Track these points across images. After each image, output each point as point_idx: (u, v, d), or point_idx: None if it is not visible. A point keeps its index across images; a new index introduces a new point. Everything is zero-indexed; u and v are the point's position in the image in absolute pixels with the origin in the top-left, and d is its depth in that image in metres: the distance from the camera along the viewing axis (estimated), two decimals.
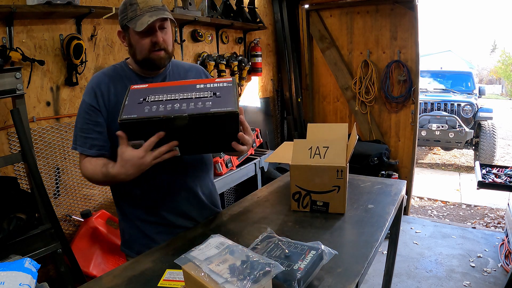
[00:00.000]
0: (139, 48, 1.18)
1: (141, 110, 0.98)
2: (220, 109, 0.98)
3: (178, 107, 0.98)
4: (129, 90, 1.07)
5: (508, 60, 22.72)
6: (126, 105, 1.00)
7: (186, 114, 0.97)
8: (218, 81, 1.08)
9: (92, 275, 1.97)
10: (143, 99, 1.02)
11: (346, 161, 1.27)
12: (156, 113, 0.97)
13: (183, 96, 1.02)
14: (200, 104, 0.99)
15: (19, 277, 0.84)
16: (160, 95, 1.03)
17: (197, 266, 0.76)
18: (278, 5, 3.96)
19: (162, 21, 1.17)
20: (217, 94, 1.03)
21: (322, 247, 0.92)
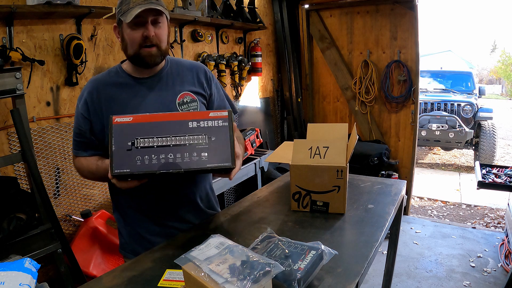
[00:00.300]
0: (130, 41, 1.14)
1: (132, 161, 0.95)
2: (217, 164, 0.98)
3: (172, 158, 0.96)
4: (112, 125, 0.98)
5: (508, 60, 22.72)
6: (115, 154, 0.95)
7: (182, 170, 0.97)
8: (212, 117, 1.01)
9: (92, 275, 1.97)
10: (131, 143, 0.96)
11: (346, 161, 1.27)
12: (150, 168, 0.96)
13: (176, 142, 0.97)
14: (195, 156, 0.97)
15: (19, 277, 0.84)
16: (149, 138, 0.97)
17: (197, 266, 0.76)
18: (278, 5, 3.96)
19: (155, 15, 1.13)
20: (212, 138, 0.99)
21: (322, 247, 0.92)
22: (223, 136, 1.00)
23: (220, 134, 1.00)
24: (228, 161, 0.99)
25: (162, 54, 1.19)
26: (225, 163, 0.99)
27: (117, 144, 0.96)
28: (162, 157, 0.96)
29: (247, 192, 1.63)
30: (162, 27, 1.16)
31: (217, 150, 0.99)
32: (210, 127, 1.00)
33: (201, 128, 1.00)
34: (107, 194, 2.39)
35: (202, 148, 0.98)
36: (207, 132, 1.00)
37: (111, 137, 0.96)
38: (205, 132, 1.00)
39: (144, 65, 1.20)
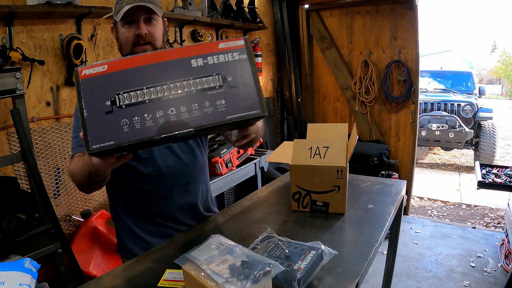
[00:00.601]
0: (124, 40, 1.13)
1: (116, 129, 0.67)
2: (241, 114, 0.70)
3: (175, 115, 0.68)
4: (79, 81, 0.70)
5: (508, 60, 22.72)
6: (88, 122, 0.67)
7: (192, 129, 0.69)
8: (223, 48, 0.73)
9: (92, 275, 1.97)
10: (110, 102, 0.68)
11: (346, 161, 1.27)
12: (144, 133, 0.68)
13: (178, 90, 0.70)
14: (208, 106, 0.69)
15: (19, 277, 0.84)
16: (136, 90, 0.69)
17: (197, 266, 0.76)
18: (278, 5, 3.96)
19: (148, 13, 1.11)
20: (228, 79, 0.71)
21: (322, 247, 0.92)
22: (243, 73, 0.72)
23: (238, 71, 0.72)
24: (256, 107, 0.71)
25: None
26: (253, 111, 0.71)
27: (90, 106, 0.68)
28: (160, 114, 0.68)
29: (247, 192, 1.63)
30: (156, 25, 1.14)
31: (238, 94, 0.71)
32: (223, 62, 0.72)
33: (210, 66, 0.72)
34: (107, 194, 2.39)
35: (216, 94, 0.70)
36: (220, 70, 0.72)
37: (80, 98, 0.68)
38: (216, 70, 0.72)
39: None
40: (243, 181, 2.93)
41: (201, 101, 0.70)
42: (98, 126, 0.68)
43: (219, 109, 0.70)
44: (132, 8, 1.07)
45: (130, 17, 1.09)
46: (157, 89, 0.70)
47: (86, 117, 0.68)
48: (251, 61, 0.74)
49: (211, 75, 0.71)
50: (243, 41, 0.74)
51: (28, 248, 1.68)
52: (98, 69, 0.70)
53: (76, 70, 0.70)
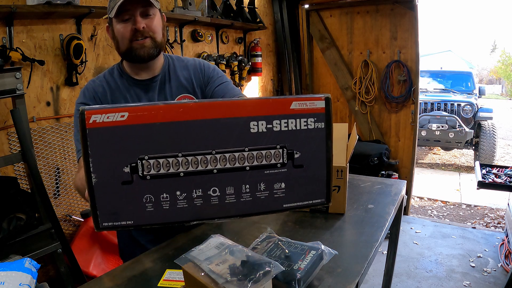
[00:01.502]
0: (120, 37, 1.07)
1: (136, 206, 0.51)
2: (301, 203, 0.56)
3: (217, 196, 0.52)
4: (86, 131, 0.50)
5: (508, 60, 22.71)
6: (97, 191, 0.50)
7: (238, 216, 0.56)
8: (296, 111, 0.52)
9: (92, 275, 1.97)
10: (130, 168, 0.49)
11: (346, 161, 1.27)
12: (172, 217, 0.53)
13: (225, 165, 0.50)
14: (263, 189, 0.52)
15: (19, 277, 0.84)
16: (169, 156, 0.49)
17: (197, 266, 0.76)
18: (278, 5, 3.96)
19: (144, 6, 1.05)
20: (295, 155, 0.53)
21: (322, 247, 0.92)
22: (315, 148, 0.54)
23: (309, 146, 0.54)
24: (322, 195, 0.57)
25: (157, 46, 1.10)
26: (316, 200, 0.57)
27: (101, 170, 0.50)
28: (198, 194, 0.51)
29: None
30: (154, 19, 1.08)
31: (302, 178, 0.55)
32: (292, 131, 0.52)
33: (274, 133, 0.52)
34: None
35: (276, 175, 0.53)
36: (287, 141, 0.52)
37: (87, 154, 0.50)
38: (282, 141, 0.52)
39: (138, 60, 1.10)
40: None
41: (255, 182, 0.52)
42: (112, 200, 0.50)
43: (276, 195, 0.54)
44: (126, 2, 1.00)
45: (125, 12, 1.03)
46: (198, 159, 0.50)
47: (95, 184, 0.50)
48: (328, 132, 0.54)
49: (274, 147, 0.52)
50: (323, 102, 0.54)
51: (28, 248, 1.68)
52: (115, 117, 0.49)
53: (83, 112, 0.48)
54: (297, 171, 0.54)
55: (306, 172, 0.54)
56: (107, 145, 0.49)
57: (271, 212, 0.56)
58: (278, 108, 0.52)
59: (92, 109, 0.49)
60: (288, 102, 0.52)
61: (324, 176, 0.55)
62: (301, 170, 0.54)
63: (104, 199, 0.50)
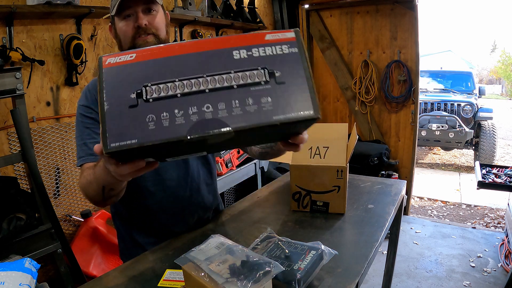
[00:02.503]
0: (122, 35, 1.05)
1: (141, 125, 0.56)
2: (291, 115, 0.58)
3: (211, 112, 0.57)
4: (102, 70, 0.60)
5: (508, 60, 22.71)
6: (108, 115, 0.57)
7: (231, 128, 0.56)
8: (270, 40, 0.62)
9: (92, 275, 1.97)
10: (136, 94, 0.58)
11: (346, 161, 1.27)
12: (174, 132, 0.56)
13: (215, 84, 0.58)
14: (251, 105, 0.58)
15: (19, 277, 0.84)
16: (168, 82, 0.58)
17: (197, 266, 0.76)
18: (278, 5, 3.96)
19: (146, 3, 1.03)
20: (276, 74, 0.59)
21: (322, 247, 0.92)
22: (293, 68, 0.60)
23: (287, 66, 0.60)
24: (309, 107, 0.59)
25: (160, 43, 1.05)
26: (304, 111, 0.59)
27: (112, 99, 0.58)
28: (194, 111, 0.57)
29: (247, 192, 1.63)
30: (157, 15, 1.05)
31: (286, 92, 0.59)
32: (270, 56, 0.61)
33: (255, 58, 0.60)
34: None
35: (262, 91, 0.58)
36: (267, 63, 0.60)
37: (102, 88, 0.59)
38: (262, 64, 0.60)
39: None
40: (243, 181, 2.93)
41: (243, 98, 0.58)
42: (120, 122, 0.56)
43: (264, 108, 0.57)
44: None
45: (126, 10, 1.02)
46: (192, 82, 0.58)
47: (107, 110, 0.57)
48: (302, 55, 0.61)
49: (256, 68, 0.59)
50: (293, 33, 0.62)
51: (28, 248, 1.68)
52: (125, 58, 0.60)
53: (100, 58, 0.60)
54: (281, 87, 0.59)
55: (290, 87, 0.59)
56: (119, 78, 0.59)
57: (264, 126, 0.58)
58: (255, 40, 0.62)
59: (107, 55, 0.61)
60: (263, 34, 0.63)
61: (307, 91, 0.60)
62: (284, 86, 0.59)
63: (113, 122, 0.57)
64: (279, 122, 0.57)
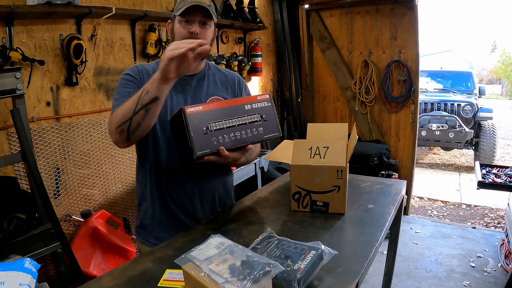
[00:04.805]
0: (177, 34, 1.24)
1: (210, 142, 1.11)
2: (270, 134, 1.22)
3: (239, 136, 1.16)
4: (186, 115, 1.09)
5: (508, 60, 22.71)
6: (194, 138, 1.09)
7: (248, 143, 1.17)
8: (259, 99, 1.22)
9: (92, 275, 1.97)
10: (205, 127, 1.12)
11: (346, 161, 1.27)
12: (225, 145, 1.13)
13: (239, 122, 1.17)
14: (255, 131, 1.19)
15: (19, 277, 0.84)
16: (219, 122, 1.14)
17: (197, 266, 0.76)
18: (278, 5, 3.96)
19: (204, 16, 1.23)
20: (263, 117, 1.21)
21: (322, 247, 0.92)
22: (270, 112, 1.23)
23: (267, 112, 1.22)
24: (278, 131, 1.23)
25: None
26: (276, 133, 1.23)
27: (194, 129, 1.10)
28: (232, 135, 1.15)
29: (247, 192, 1.63)
30: (209, 30, 1.27)
31: (268, 124, 1.21)
32: (260, 107, 1.21)
33: (253, 109, 1.20)
34: (107, 194, 2.39)
35: (258, 124, 1.20)
36: (259, 111, 1.21)
37: (187, 125, 1.09)
38: (257, 111, 1.21)
39: None
40: (243, 181, 2.93)
41: (251, 128, 1.19)
42: (200, 141, 1.10)
43: (260, 133, 1.20)
44: (193, 7, 1.21)
45: (188, 15, 1.22)
46: (229, 120, 1.16)
47: (193, 135, 1.09)
48: (273, 106, 1.24)
49: (254, 114, 1.20)
50: (268, 95, 1.25)
51: (28, 248, 1.68)
52: (196, 108, 1.12)
53: (183, 109, 1.09)
54: (265, 122, 1.21)
55: (269, 123, 1.22)
56: (196, 119, 1.11)
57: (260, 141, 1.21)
58: (253, 99, 1.23)
59: (187, 107, 1.11)
60: (256, 96, 1.24)
61: (276, 123, 1.23)
62: (267, 122, 1.22)
63: (197, 141, 1.10)
64: (266, 139, 1.21)
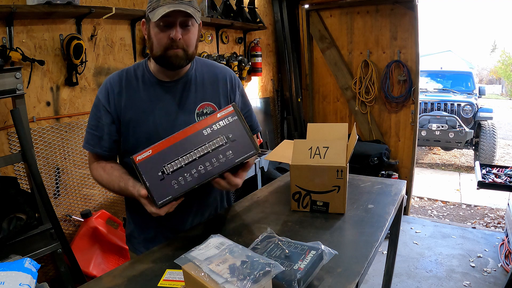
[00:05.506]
0: (156, 42, 1.10)
1: (170, 187, 0.97)
2: (243, 156, 1.01)
3: (204, 169, 0.98)
4: (137, 165, 0.98)
5: (508, 60, 22.70)
6: (151, 188, 0.97)
7: (217, 174, 1.00)
8: (221, 116, 1.02)
9: (92, 275, 1.97)
10: (161, 172, 0.98)
11: (346, 161, 1.27)
12: (188, 185, 0.98)
13: (200, 153, 0.99)
14: (222, 158, 1.00)
15: (19, 277, 0.84)
16: (174, 161, 0.98)
17: (197, 266, 0.76)
18: (278, 5, 3.96)
19: (185, 16, 1.06)
20: (230, 137, 1.01)
21: (322, 247, 0.92)
22: (237, 129, 1.02)
23: (234, 129, 1.02)
24: (252, 149, 1.02)
25: (188, 58, 1.14)
26: (250, 152, 1.02)
27: (149, 179, 0.98)
28: (194, 171, 0.99)
29: (247, 192, 1.63)
30: (191, 31, 1.11)
31: (238, 144, 1.01)
32: (223, 126, 1.02)
33: (215, 131, 1.01)
34: (107, 194, 2.39)
35: (225, 148, 1.01)
36: (223, 132, 1.01)
37: (141, 175, 0.98)
38: (221, 133, 1.01)
39: (168, 66, 1.15)
40: (243, 181, 2.92)
41: (217, 155, 1.00)
42: (158, 189, 0.98)
43: (229, 158, 1.00)
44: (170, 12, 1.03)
45: (166, 18, 1.05)
46: (187, 155, 0.99)
47: (149, 185, 0.98)
48: (240, 119, 1.03)
49: (218, 137, 1.01)
50: (231, 107, 1.03)
51: (28, 248, 1.68)
52: (146, 154, 0.99)
53: (132, 158, 0.99)
54: (234, 143, 1.01)
55: (239, 142, 1.02)
56: (148, 166, 0.99)
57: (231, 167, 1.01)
58: (212, 120, 1.03)
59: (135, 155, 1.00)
60: (215, 115, 1.03)
61: (248, 140, 1.02)
62: (236, 142, 1.01)
63: (155, 190, 0.98)
64: (238, 162, 1.01)
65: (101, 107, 1.17)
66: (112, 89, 1.17)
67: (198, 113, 1.21)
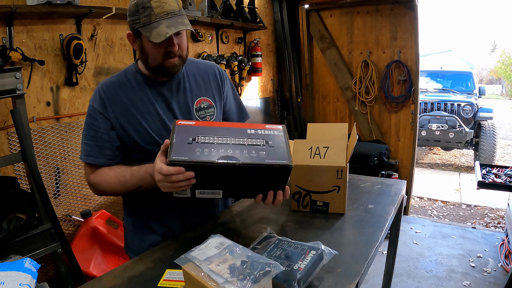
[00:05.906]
0: (153, 56, 1.10)
1: (191, 152, 0.92)
2: (275, 161, 0.94)
3: (231, 153, 0.93)
4: (175, 125, 0.99)
5: (508, 60, 22.72)
6: (175, 144, 0.93)
7: (241, 162, 0.92)
8: (269, 128, 1.04)
9: (92, 275, 1.97)
10: (192, 139, 0.95)
11: (346, 161, 1.27)
12: (208, 157, 0.91)
13: (235, 141, 0.97)
14: (253, 153, 0.95)
15: (19, 277, 0.84)
16: (210, 137, 0.97)
17: (197, 266, 0.76)
18: (278, 5, 3.96)
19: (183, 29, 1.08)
20: (269, 143, 0.99)
21: (322, 247, 0.92)
22: (279, 140, 1.01)
23: (276, 140, 1.01)
24: (286, 159, 0.95)
25: (183, 63, 1.17)
26: (283, 161, 0.94)
27: (178, 138, 0.95)
28: (222, 151, 0.94)
29: None
30: (183, 36, 1.13)
31: (275, 151, 0.97)
32: (267, 134, 1.02)
33: (258, 134, 1.02)
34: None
35: (260, 148, 0.97)
36: (264, 137, 1.01)
37: (173, 133, 0.96)
38: (262, 137, 1.01)
39: (166, 75, 1.17)
40: None
41: (250, 150, 0.96)
42: (180, 148, 0.94)
43: (261, 156, 0.95)
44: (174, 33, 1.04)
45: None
46: (223, 138, 0.98)
47: (174, 142, 0.94)
48: (285, 136, 1.04)
49: (258, 138, 1.01)
50: (281, 126, 1.07)
51: (28, 248, 1.68)
52: (189, 122, 1.02)
53: (174, 120, 1.02)
54: (271, 148, 0.98)
55: (276, 149, 0.98)
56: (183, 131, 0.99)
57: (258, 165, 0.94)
58: (260, 126, 1.06)
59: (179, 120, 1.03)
60: (264, 125, 1.07)
61: (286, 151, 0.98)
62: (273, 148, 0.99)
63: (177, 148, 0.93)
64: (267, 165, 0.93)
65: (98, 115, 1.14)
66: (106, 95, 1.15)
67: (196, 108, 1.22)
